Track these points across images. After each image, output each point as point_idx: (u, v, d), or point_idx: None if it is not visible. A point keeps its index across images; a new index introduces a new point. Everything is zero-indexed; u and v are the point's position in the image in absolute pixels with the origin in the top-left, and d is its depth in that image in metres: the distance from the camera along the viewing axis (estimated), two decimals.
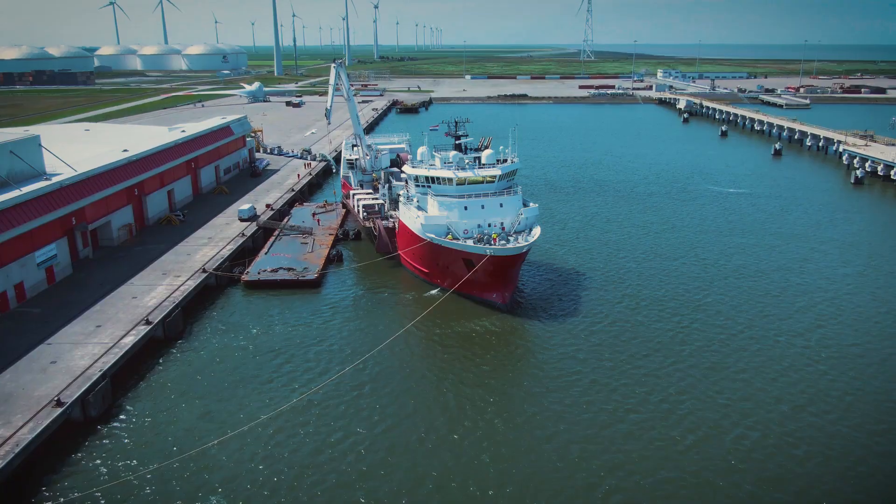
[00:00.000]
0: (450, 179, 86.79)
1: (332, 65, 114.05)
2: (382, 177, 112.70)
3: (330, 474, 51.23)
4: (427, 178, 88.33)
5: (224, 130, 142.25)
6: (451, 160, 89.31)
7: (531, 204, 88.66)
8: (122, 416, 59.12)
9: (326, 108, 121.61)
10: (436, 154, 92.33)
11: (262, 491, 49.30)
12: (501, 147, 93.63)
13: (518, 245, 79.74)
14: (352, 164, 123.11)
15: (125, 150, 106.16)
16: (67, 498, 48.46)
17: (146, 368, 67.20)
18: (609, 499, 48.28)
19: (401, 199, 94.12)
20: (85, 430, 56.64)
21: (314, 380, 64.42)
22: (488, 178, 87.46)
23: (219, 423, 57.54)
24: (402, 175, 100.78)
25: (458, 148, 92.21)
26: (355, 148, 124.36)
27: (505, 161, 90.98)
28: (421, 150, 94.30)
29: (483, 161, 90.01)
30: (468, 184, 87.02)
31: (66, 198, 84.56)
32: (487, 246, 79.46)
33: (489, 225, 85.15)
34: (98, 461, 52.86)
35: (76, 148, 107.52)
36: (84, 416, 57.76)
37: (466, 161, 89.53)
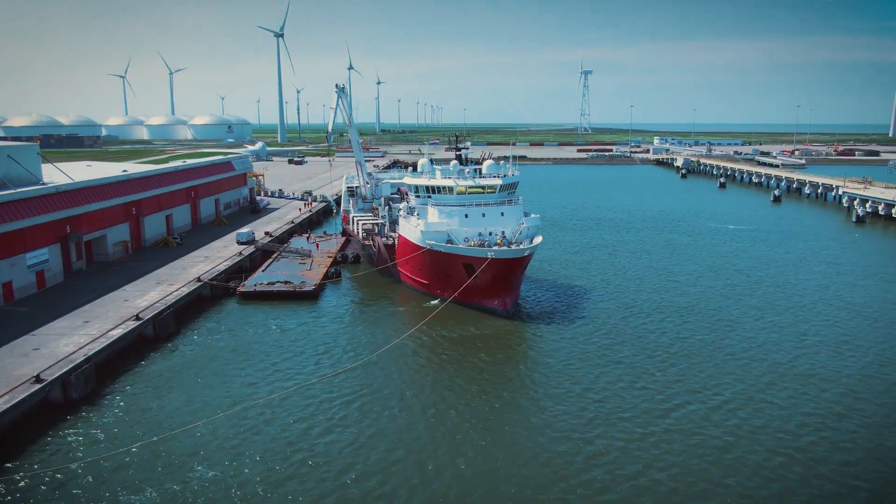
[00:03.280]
0: (450, 188, 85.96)
1: (334, 89, 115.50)
2: (383, 202, 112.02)
3: (316, 459, 48.11)
4: (427, 187, 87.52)
5: (225, 165, 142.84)
6: (451, 171, 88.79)
7: (532, 214, 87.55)
8: (104, 399, 56.15)
9: (328, 131, 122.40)
10: (436, 167, 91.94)
11: (247, 468, 46.02)
12: (502, 161, 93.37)
13: (521, 248, 78.10)
14: (352, 192, 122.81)
15: (124, 170, 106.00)
16: (43, 470, 45.12)
17: (133, 361, 64.43)
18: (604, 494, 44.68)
19: (401, 213, 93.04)
20: (65, 411, 53.59)
21: (308, 377, 61.35)
22: (489, 189, 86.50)
23: (205, 408, 54.48)
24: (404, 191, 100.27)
25: (458, 159, 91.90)
26: (356, 181, 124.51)
27: (506, 175, 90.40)
28: (421, 161, 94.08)
29: (484, 171, 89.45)
30: (469, 193, 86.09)
31: (60, 203, 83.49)
32: (489, 248, 77.86)
33: (490, 233, 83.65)
34: (77, 438, 49.71)
35: (76, 170, 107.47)
36: (64, 397, 54.80)
37: (467, 171, 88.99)
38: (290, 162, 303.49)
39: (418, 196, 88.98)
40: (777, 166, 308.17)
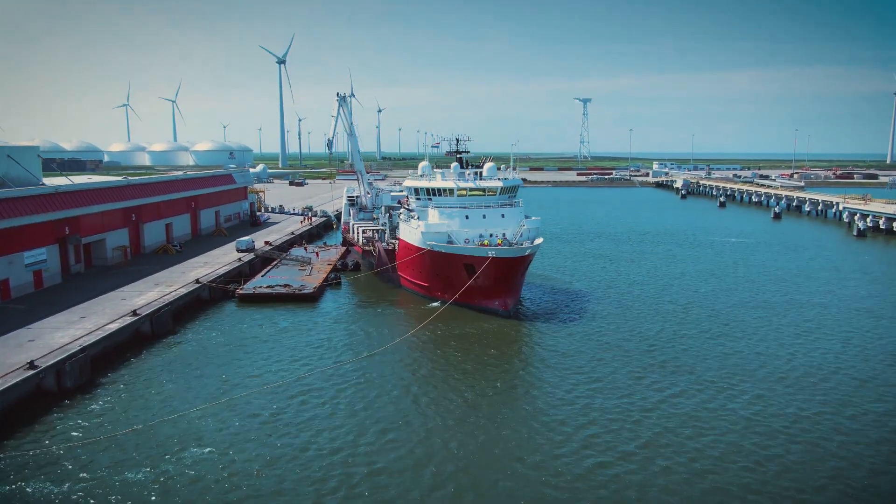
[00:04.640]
0: (451, 190, 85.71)
1: (335, 97, 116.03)
2: (383, 210, 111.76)
3: (312, 442, 47.15)
4: (428, 189, 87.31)
5: (226, 177, 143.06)
6: (451, 173, 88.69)
7: (533, 217, 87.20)
8: (98, 388, 55.29)
9: (328, 139, 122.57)
10: (436, 170, 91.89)
11: (241, 449, 45.06)
12: (503, 166, 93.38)
13: (522, 247, 77.60)
14: (352, 202, 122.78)
15: (124, 176, 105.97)
16: (34, 451, 44.13)
17: (130, 355, 63.58)
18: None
19: (401, 217, 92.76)
20: (59, 398, 52.70)
21: (306, 370, 60.32)
22: (490, 191, 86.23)
23: (200, 397, 53.61)
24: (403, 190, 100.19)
25: (459, 162, 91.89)
26: (357, 191, 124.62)
27: (507, 177, 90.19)
28: (422, 164, 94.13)
29: (484, 174, 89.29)
30: (469, 195, 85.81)
31: (59, 203, 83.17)
32: (490, 247, 77.38)
33: (490, 235, 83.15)
34: (70, 422, 48.85)
35: (77, 180, 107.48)
36: (58, 385, 53.90)
37: (467, 174, 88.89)
38: (291, 184, 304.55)
39: (419, 199, 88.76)
40: (776, 188, 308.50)
